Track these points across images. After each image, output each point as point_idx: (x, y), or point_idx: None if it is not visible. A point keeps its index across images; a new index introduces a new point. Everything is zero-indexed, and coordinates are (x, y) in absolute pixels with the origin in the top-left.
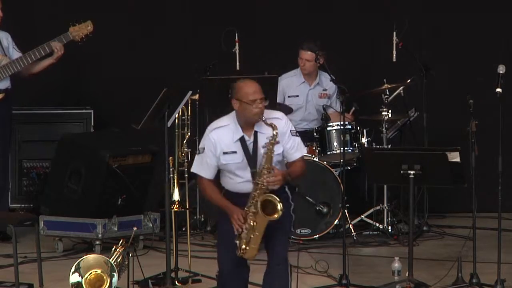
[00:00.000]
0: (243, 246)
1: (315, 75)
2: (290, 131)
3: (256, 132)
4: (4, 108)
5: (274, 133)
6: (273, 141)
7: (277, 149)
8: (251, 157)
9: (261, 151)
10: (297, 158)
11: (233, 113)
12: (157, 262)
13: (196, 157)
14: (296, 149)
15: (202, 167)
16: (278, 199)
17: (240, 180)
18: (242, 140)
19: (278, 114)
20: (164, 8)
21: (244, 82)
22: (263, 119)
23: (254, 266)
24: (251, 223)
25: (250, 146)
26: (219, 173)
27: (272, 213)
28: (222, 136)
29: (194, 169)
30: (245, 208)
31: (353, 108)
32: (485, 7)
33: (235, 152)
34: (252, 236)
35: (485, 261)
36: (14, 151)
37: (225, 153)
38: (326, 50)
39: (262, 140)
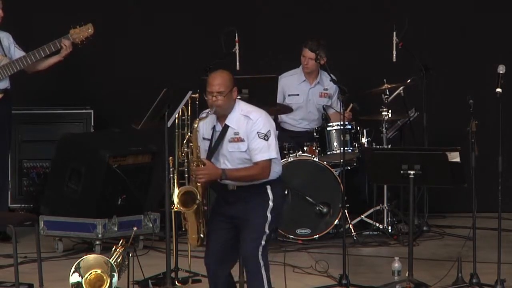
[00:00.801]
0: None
1: (316, 74)
2: (258, 132)
3: (226, 125)
4: (3, 108)
5: (195, 125)
6: (193, 134)
7: (241, 147)
8: (211, 146)
9: (225, 144)
10: (257, 160)
11: None
12: (157, 262)
13: None
14: (257, 152)
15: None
16: (195, 190)
17: None
18: (213, 129)
19: (254, 113)
20: (164, 8)
21: (214, 72)
22: (210, 112)
23: None
24: (183, 215)
25: (215, 137)
26: None
27: (190, 205)
28: (204, 124)
29: None
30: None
31: (351, 105)
32: (485, 7)
33: (209, 139)
34: (187, 225)
35: (485, 261)
36: (14, 151)
37: (204, 138)
38: (329, 49)
39: (230, 134)
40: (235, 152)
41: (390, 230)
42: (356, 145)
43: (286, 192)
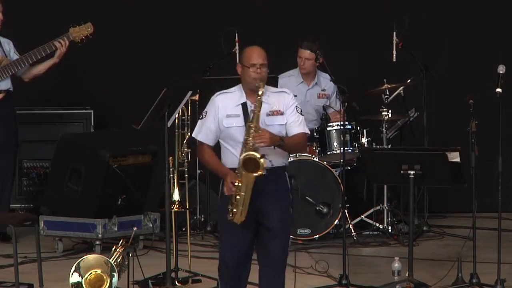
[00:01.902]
0: (234, 210)
1: (313, 75)
2: (296, 107)
3: (259, 100)
4: (7, 108)
5: (260, 92)
6: (259, 100)
7: (281, 120)
8: (247, 121)
9: (263, 118)
10: (297, 132)
11: (240, 84)
12: (157, 262)
13: (198, 122)
14: (297, 125)
15: (202, 131)
16: (259, 155)
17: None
18: (244, 105)
19: (287, 90)
20: (164, 8)
21: (250, 47)
22: (258, 84)
23: (254, 265)
24: (237, 184)
25: (251, 112)
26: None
27: (255, 171)
28: (226, 100)
29: (194, 133)
30: (236, 171)
31: (353, 106)
32: (485, 7)
33: (238, 115)
34: (238, 197)
35: (485, 261)
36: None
37: (228, 115)
38: (325, 48)
39: (265, 109)
40: (274, 126)
41: (390, 230)
42: (356, 145)
43: (292, 181)
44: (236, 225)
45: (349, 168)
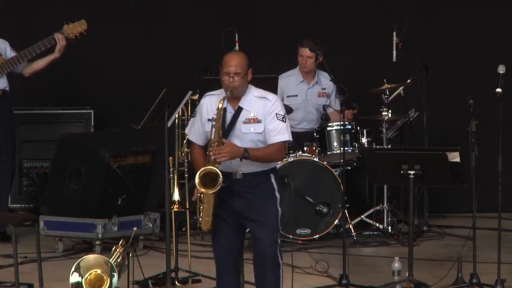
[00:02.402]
0: (199, 218)
1: (313, 74)
2: (276, 114)
3: (239, 107)
4: (3, 107)
5: (220, 106)
6: (218, 115)
7: (258, 128)
8: (225, 128)
9: (239, 126)
10: (275, 142)
11: None
12: (157, 262)
13: (190, 120)
14: (276, 133)
15: (191, 131)
16: (217, 171)
17: None
18: (224, 111)
19: (270, 95)
20: (164, 8)
21: (229, 53)
22: (228, 93)
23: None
24: (199, 195)
25: (229, 118)
26: None
27: (212, 186)
28: (212, 102)
29: (186, 130)
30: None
31: (353, 106)
32: (485, 7)
33: (214, 120)
34: (201, 207)
35: (485, 261)
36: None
37: (209, 120)
38: (324, 47)
39: (244, 116)
40: (249, 134)
41: (390, 230)
42: (356, 145)
43: (286, 180)
44: (219, 227)
45: (349, 168)
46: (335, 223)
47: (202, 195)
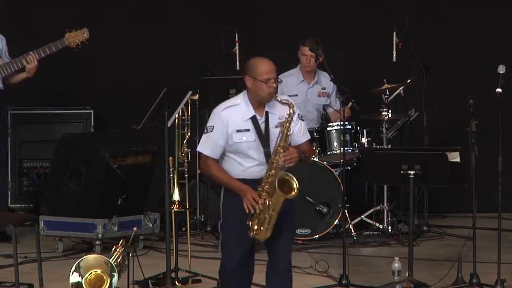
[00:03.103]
0: (256, 227)
1: (314, 74)
2: (298, 114)
3: (267, 112)
4: None
5: (291, 111)
6: (290, 119)
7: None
8: (263, 136)
9: (273, 131)
10: (303, 141)
11: (243, 93)
12: (157, 262)
13: (203, 136)
14: (303, 133)
15: (208, 145)
16: (294, 177)
17: (251, 163)
18: (253, 119)
19: (285, 96)
20: (164, 8)
21: (260, 59)
22: (277, 98)
23: (257, 266)
24: (267, 203)
25: (262, 126)
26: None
27: (289, 192)
28: (233, 114)
29: (199, 147)
30: (259, 188)
31: (351, 103)
32: (485, 7)
33: (248, 130)
34: (267, 215)
35: (485, 261)
36: (14, 151)
37: (238, 131)
38: (324, 46)
39: (273, 120)
40: None
41: (390, 230)
42: (356, 145)
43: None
44: (236, 229)
45: (349, 168)
46: (335, 223)
47: (270, 202)
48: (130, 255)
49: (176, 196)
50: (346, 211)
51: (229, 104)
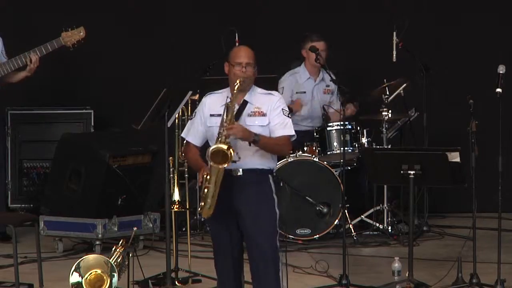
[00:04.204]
0: (202, 203)
1: (318, 71)
2: (282, 109)
3: (245, 101)
4: None
5: (237, 84)
6: (234, 97)
7: (262, 121)
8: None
9: (244, 119)
10: (280, 135)
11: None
12: (157, 262)
13: (188, 122)
14: (282, 127)
15: (190, 131)
16: (228, 146)
17: None
18: (227, 105)
19: (275, 92)
20: (164, 8)
21: (238, 46)
22: (240, 81)
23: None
24: (205, 176)
25: (234, 112)
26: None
27: (223, 162)
28: (213, 100)
29: (183, 133)
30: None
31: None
32: (485, 7)
33: (220, 115)
34: (205, 190)
35: (485, 261)
36: (14, 151)
37: (211, 115)
38: (329, 49)
39: (249, 109)
40: (254, 127)
41: (390, 230)
42: (356, 145)
43: (281, 184)
44: (215, 220)
45: (349, 168)
46: (335, 223)
47: (207, 176)
48: (130, 255)
49: (176, 196)
50: (346, 211)
51: (213, 92)
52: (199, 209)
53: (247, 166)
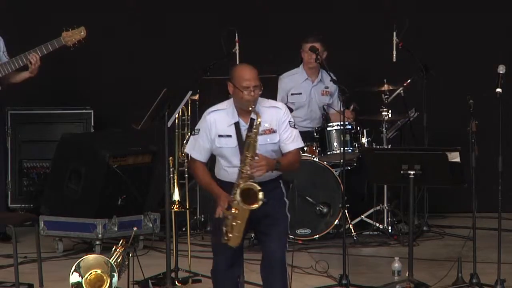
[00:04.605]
0: (228, 234)
1: (317, 72)
2: (289, 121)
3: (252, 119)
4: None
5: (258, 122)
6: (256, 129)
7: (273, 138)
8: (243, 142)
9: (257, 138)
10: (291, 149)
11: (231, 98)
12: (157, 262)
13: (191, 138)
14: (291, 141)
15: (195, 149)
16: (258, 187)
17: (233, 168)
18: (237, 124)
19: (278, 104)
20: (164, 8)
21: (241, 66)
22: (252, 107)
23: (253, 266)
24: (233, 211)
25: (244, 132)
26: (213, 162)
27: (253, 203)
28: (218, 118)
29: (187, 149)
30: (232, 195)
31: (352, 105)
32: (485, 7)
33: (230, 136)
34: (234, 223)
35: (485, 261)
36: (14, 151)
37: (220, 136)
38: (329, 49)
39: (260, 129)
40: (266, 145)
41: (390, 230)
42: (356, 145)
43: (291, 186)
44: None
45: (349, 168)
46: (335, 223)
47: (236, 211)
48: (130, 255)
49: (176, 196)
50: (346, 211)
51: (216, 108)
52: (225, 238)
53: (259, 181)
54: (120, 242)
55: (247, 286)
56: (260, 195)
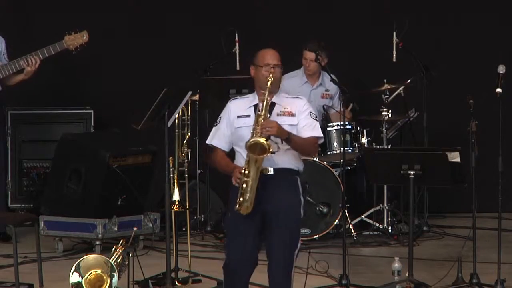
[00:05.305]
0: (240, 198)
1: (318, 76)
2: (310, 112)
3: (273, 103)
4: None
5: (268, 83)
6: (269, 88)
7: (291, 121)
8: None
9: (274, 118)
10: (309, 135)
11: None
12: (157, 262)
13: (213, 129)
14: (310, 129)
15: (216, 136)
16: (264, 139)
17: None
18: (256, 106)
19: (301, 96)
20: (164, 8)
21: (264, 49)
22: (270, 84)
23: (260, 266)
24: (244, 171)
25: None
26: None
27: (262, 153)
28: (239, 103)
29: (208, 140)
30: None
31: (351, 105)
32: (485, 7)
33: (248, 115)
34: (244, 185)
35: (485, 261)
36: (14, 151)
37: (239, 116)
38: (330, 50)
39: (278, 109)
40: (284, 126)
41: (390, 230)
42: (356, 145)
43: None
44: (241, 228)
45: (349, 168)
46: (335, 223)
47: (247, 171)
48: (130, 255)
49: (176, 196)
50: (346, 211)
51: (239, 96)
52: (237, 205)
53: (278, 165)
54: (120, 242)
55: (252, 287)
56: (268, 143)
